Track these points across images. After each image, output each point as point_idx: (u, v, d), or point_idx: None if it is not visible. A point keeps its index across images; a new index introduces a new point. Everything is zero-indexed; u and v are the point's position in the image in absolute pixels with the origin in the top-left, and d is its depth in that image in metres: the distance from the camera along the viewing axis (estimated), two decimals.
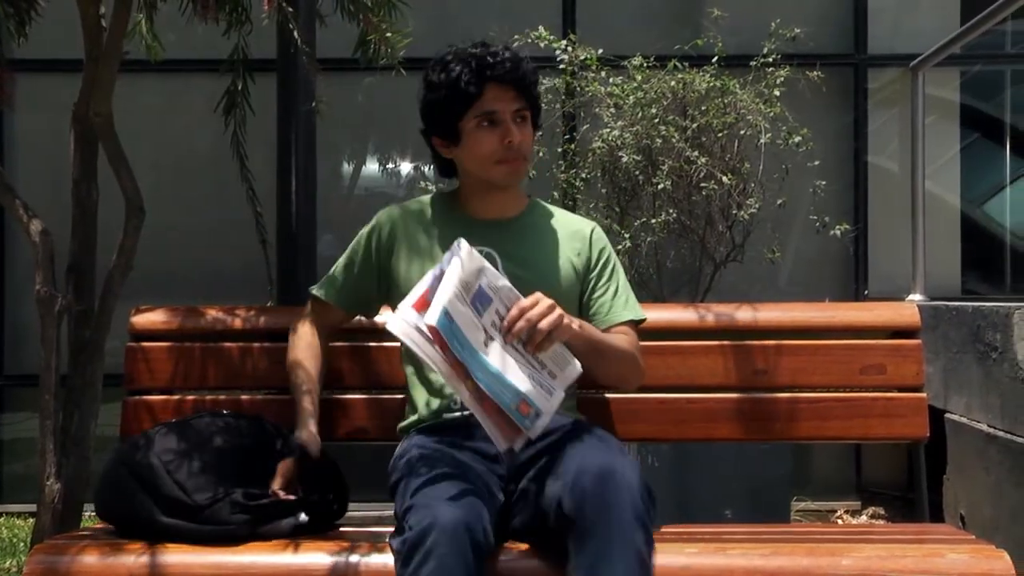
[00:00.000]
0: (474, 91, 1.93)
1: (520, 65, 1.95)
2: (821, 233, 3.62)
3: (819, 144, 3.66)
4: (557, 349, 1.76)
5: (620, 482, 1.61)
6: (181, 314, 2.37)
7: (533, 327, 1.70)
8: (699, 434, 2.27)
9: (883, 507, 4.12)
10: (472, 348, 1.65)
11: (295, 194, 3.25)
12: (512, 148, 1.96)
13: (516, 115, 1.97)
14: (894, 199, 4.30)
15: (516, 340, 1.70)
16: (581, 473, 1.63)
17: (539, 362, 1.74)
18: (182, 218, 4.27)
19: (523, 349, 1.72)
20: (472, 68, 1.93)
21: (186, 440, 1.91)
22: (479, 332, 1.67)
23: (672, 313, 2.38)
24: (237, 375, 2.32)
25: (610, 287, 2.06)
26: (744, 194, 3.42)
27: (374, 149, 4.54)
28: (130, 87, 2.83)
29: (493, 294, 1.72)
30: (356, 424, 2.28)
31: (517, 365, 1.69)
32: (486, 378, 1.64)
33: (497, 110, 1.95)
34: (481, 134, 1.97)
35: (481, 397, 1.65)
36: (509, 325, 1.70)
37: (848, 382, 2.28)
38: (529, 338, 1.71)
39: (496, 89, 1.94)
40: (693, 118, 3.42)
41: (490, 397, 1.65)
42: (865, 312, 2.36)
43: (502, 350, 1.69)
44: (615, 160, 3.43)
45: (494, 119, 1.95)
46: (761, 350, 2.29)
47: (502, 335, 1.70)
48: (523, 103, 1.98)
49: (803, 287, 4.32)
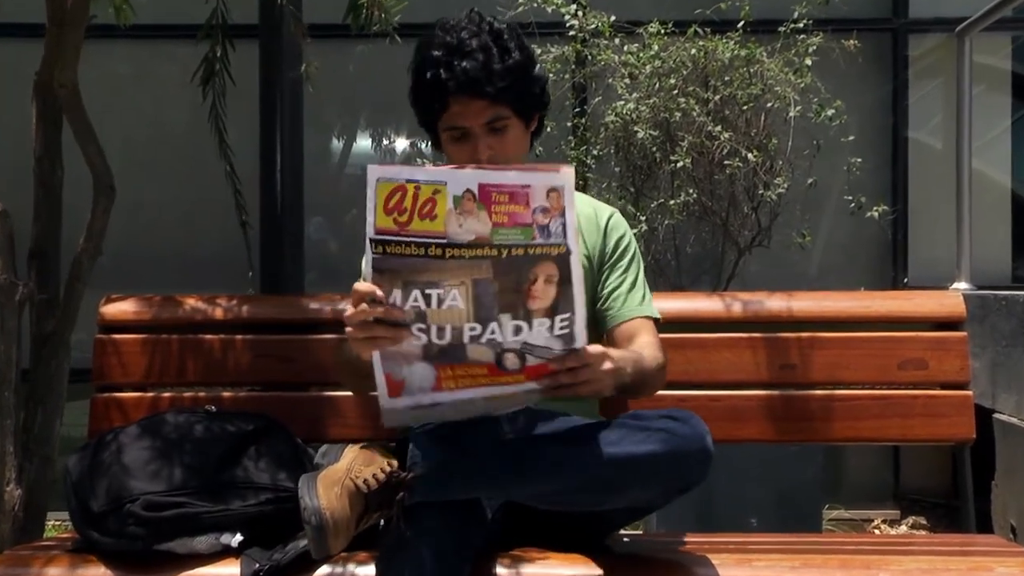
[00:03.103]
0: (437, 107, 1.89)
1: (490, 66, 1.85)
2: (856, 215, 3.60)
3: (854, 118, 3.65)
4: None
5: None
6: (155, 303, 2.37)
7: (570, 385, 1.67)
8: (722, 435, 2.26)
9: (924, 516, 4.12)
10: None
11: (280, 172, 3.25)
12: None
13: (489, 126, 1.90)
14: (937, 178, 4.28)
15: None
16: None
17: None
18: (156, 198, 4.26)
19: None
20: (431, 79, 1.87)
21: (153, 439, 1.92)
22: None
23: (692, 303, 2.37)
24: (218, 370, 2.32)
25: (626, 279, 2.05)
26: (771, 173, 3.41)
27: (366, 123, 4.53)
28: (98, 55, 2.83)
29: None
30: (346, 423, 2.29)
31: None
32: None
33: (465, 126, 1.90)
34: (452, 148, 1.94)
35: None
36: (551, 375, 1.65)
37: (886, 378, 2.28)
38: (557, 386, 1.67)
39: (459, 104, 1.88)
40: (716, 89, 3.40)
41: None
42: (904, 302, 2.36)
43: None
44: (630, 136, 3.41)
45: (463, 133, 1.91)
46: (790, 343, 2.29)
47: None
48: (497, 111, 1.89)
49: (836, 275, 4.32)
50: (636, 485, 1.73)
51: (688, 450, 1.71)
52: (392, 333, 1.59)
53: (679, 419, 1.74)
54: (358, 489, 1.70)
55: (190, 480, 1.86)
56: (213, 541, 1.80)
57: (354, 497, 1.70)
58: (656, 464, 1.70)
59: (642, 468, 1.69)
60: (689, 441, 1.71)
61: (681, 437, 1.71)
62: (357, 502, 1.70)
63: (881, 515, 4.18)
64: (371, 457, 1.78)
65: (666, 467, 1.71)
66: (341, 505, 1.68)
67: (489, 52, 1.86)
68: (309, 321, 2.39)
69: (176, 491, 1.84)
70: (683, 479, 1.75)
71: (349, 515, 1.68)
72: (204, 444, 1.94)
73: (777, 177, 3.38)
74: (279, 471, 1.93)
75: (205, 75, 2.97)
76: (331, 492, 1.69)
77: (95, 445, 1.96)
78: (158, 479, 1.85)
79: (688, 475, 1.74)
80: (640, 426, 1.73)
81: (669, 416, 1.75)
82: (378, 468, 1.72)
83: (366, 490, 1.69)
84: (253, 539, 1.82)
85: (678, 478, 1.74)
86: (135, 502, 1.79)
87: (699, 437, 1.72)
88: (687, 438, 1.71)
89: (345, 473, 1.73)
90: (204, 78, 2.97)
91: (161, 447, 1.92)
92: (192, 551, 1.78)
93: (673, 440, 1.70)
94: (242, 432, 1.99)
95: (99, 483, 1.85)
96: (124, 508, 1.79)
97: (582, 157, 3.55)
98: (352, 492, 1.70)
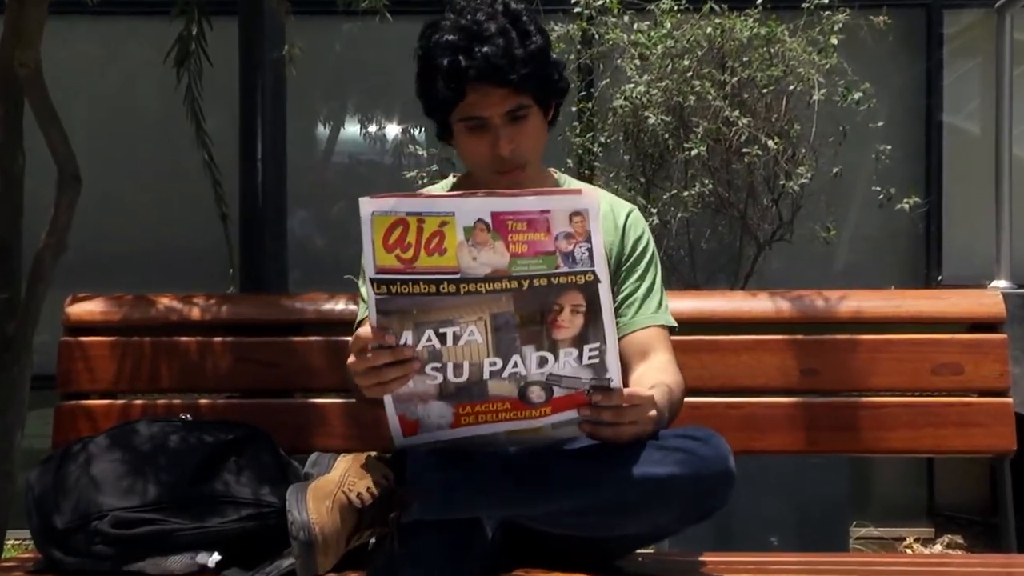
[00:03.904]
0: (452, 96, 1.89)
1: (511, 52, 1.85)
2: (885, 207, 3.60)
3: (883, 102, 3.65)
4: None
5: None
6: (126, 303, 2.37)
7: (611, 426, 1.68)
8: (739, 446, 2.25)
9: (961, 535, 4.12)
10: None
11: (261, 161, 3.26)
12: (503, 160, 1.92)
13: (510, 116, 1.91)
14: (974, 166, 4.29)
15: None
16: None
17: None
18: (126, 189, 4.26)
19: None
20: (448, 66, 1.87)
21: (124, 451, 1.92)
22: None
23: (707, 302, 2.38)
24: (194, 375, 2.32)
25: (643, 283, 2.05)
26: (793, 161, 3.41)
27: (355, 108, 4.53)
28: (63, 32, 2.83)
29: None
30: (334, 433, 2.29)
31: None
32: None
33: (483, 116, 1.90)
34: (469, 140, 1.94)
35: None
36: (590, 409, 1.66)
37: (918, 384, 2.28)
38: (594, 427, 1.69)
39: (478, 93, 1.87)
40: (733, 71, 3.41)
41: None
42: (938, 301, 2.36)
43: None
44: (640, 121, 3.42)
45: (481, 124, 1.91)
46: (813, 347, 2.29)
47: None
48: (519, 100, 1.90)
49: (864, 272, 4.32)
50: (652, 508, 1.72)
51: (709, 472, 1.71)
52: (403, 372, 1.59)
53: (700, 439, 1.74)
54: (351, 503, 1.69)
55: (164, 495, 1.85)
56: (188, 561, 1.79)
57: (346, 512, 1.69)
58: (674, 487, 1.69)
59: (659, 490, 1.69)
60: (710, 463, 1.71)
61: (702, 458, 1.71)
62: (349, 517, 1.69)
63: (914, 533, 4.18)
64: (366, 469, 1.78)
65: (685, 490, 1.71)
66: (332, 520, 1.67)
67: (509, 36, 1.86)
68: (293, 322, 2.38)
69: (148, 507, 1.83)
70: (703, 504, 1.75)
71: (340, 531, 1.67)
72: (179, 456, 1.94)
73: (800, 166, 3.39)
74: (261, 485, 1.92)
75: (180, 55, 2.97)
76: (322, 505, 1.68)
77: (60, 457, 1.96)
78: (129, 494, 1.85)
79: (709, 500, 1.74)
80: (657, 445, 1.72)
81: (689, 435, 1.75)
82: (373, 481, 1.72)
83: (360, 505, 1.69)
84: (232, 559, 1.81)
85: (698, 503, 1.74)
86: (103, 519, 1.79)
87: (721, 458, 1.72)
88: (708, 459, 1.71)
89: (337, 485, 1.72)
90: (179, 58, 2.97)
91: (132, 459, 1.91)
92: (165, 572, 1.78)
93: (693, 461, 1.70)
94: (221, 443, 1.99)
95: (64, 498, 1.85)
96: (91, 525, 1.79)
97: (588, 145, 3.55)
98: (344, 506, 1.69)
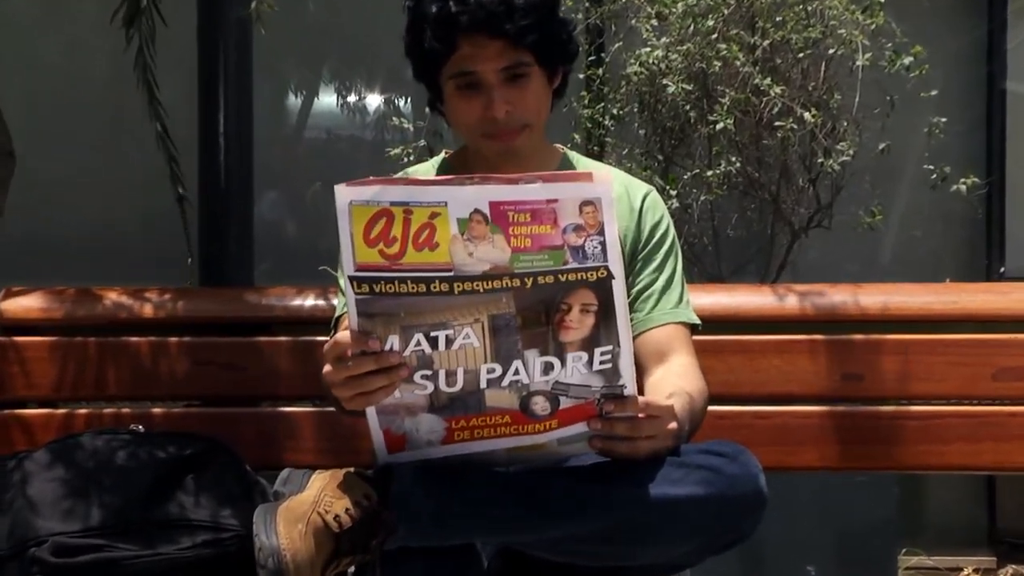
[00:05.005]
0: (442, 48, 1.90)
1: (509, 1, 1.87)
2: (939, 189, 3.60)
3: (937, 68, 3.64)
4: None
5: None
6: (68, 298, 2.37)
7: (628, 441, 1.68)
8: (771, 461, 2.25)
9: None
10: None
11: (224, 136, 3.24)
12: (497, 123, 1.94)
13: (506, 73, 1.93)
14: None
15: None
16: None
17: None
18: (68, 167, 4.25)
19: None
20: (438, 13, 1.88)
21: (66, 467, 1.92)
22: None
23: (735, 297, 2.38)
24: (146, 381, 2.33)
25: (661, 275, 2.06)
26: (833, 136, 3.41)
27: (331, 75, 4.52)
28: None
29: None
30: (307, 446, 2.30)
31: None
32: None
33: (475, 71, 1.92)
34: (458, 101, 1.96)
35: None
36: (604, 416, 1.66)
37: (976, 391, 2.29)
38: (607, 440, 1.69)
39: (471, 44, 1.90)
40: (764, 33, 3.40)
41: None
42: (1000, 296, 2.37)
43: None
44: (657, 90, 3.42)
45: (473, 81, 1.93)
46: (856, 348, 2.30)
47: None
48: (517, 55, 1.92)
49: (914, 263, 4.31)
50: (671, 535, 1.72)
51: (736, 494, 1.71)
52: (389, 381, 1.59)
53: (726, 455, 1.74)
54: (327, 527, 1.69)
55: (110, 518, 1.86)
56: None
57: (322, 536, 1.68)
58: (697, 510, 1.69)
59: (679, 514, 1.69)
60: (739, 483, 1.71)
61: (728, 477, 1.71)
62: (326, 543, 1.68)
63: (973, 563, 4.17)
64: (344, 487, 1.77)
65: (709, 515, 1.70)
66: (306, 546, 1.67)
67: None
68: (260, 320, 2.40)
69: (93, 531, 1.84)
70: (730, 530, 1.75)
71: (315, 558, 1.67)
72: (129, 474, 1.95)
73: (840, 142, 3.38)
74: (222, 507, 1.93)
75: (129, 14, 2.96)
76: (294, 529, 1.67)
77: None
78: (71, 517, 1.85)
79: (737, 525, 1.74)
80: (677, 462, 1.72)
81: (713, 451, 1.75)
82: (352, 501, 1.72)
83: (337, 528, 1.69)
84: None
85: (723, 529, 1.74)
86: (42, 545, 1.80)
87: (751, 478, 1.72)
88: (735, 479, 1.71)
89: (312, 506, 1.72)
90: (127, 18, 2.97)
91: (75, 477, 1.92)
92: None
93: (718, 481, 1.70)
94: (176, 458, 2.00)
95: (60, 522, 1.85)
96: (28, 552, 1.80)
97: (598, 117, 3.54)
98: (320, 530, 1.69)
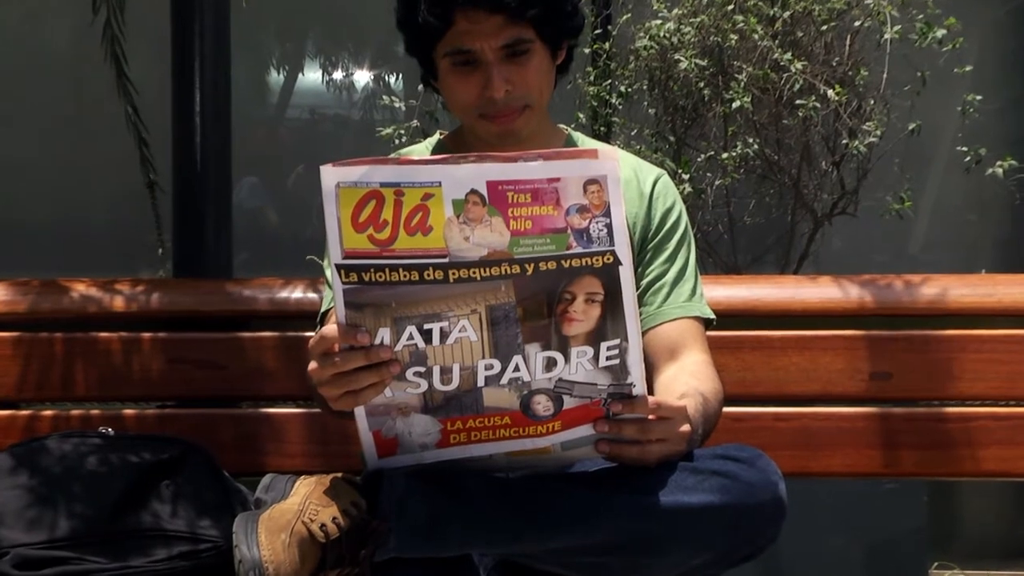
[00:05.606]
0: (437, 23, 1.91)
1: None
2: (973, 172, 3.59)
3: (972, 42, 3.64)
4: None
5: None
6: (32, 290, 2.37)
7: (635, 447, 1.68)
8: (793, 467, 2.27)
9: None
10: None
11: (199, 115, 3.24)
12: (495, 103, 1.94)
13: (507, 51, 1.93)
14: None
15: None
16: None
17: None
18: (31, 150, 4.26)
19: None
20: None
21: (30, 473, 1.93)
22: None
23: (752, 289, 2.38)
24: (117, 380, 2.33)
25: (673, 265, 2.07)
26: (859, 116, 3.41)
27: (316, 49, 4.53)
28: None
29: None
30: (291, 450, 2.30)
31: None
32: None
33: (473, 48, 1.92)
34: (454, 79, 1.97)
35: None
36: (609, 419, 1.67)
37: (1014, 392, 2.29)
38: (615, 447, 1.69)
39: (468, 19, 1.90)
40: (784, 3, 3.40)
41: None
42: None
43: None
44: (669, 66, 3.42)
45: (470, 59, 1.94)
46: (884, 344, 2.30)
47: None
48: (518, 32, 1.92)
49: (947, 252, 4.32)
50: (684, 546, 1.72)
51: (754, 502, 1.71)
52: (379, 378, 1.58)
53: (742, 460, 1.74)
54: (312, 537, 1.69)
55: (79, 528, 1.86)
56: None
57: (307, 547, 1.68)
58: (712, 519, 1.69)
59: (693, 524, 1.69)
60: (756, 490, 1.71)
61: (745, 484, 1.71)
62: (311, 554, 1.68)
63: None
64: (331, 494, 1.77)
65: (725, 524, 1.70)
66: (289, 557, 1.67)
67: None
68: (240, 313, 2.40)
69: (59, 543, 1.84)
70: (748, 541, 1.75)
71: (300, 570, 1.67)
72: (98, 480, 1.95)
73: (867, 122, 3.38)
74: (200, 515, 1.93)
75: None
76: (277, 539, 1.67)
77: None
78: (35, 527, 1.86)
79: (754, 536, 1.74)
80: (690, 468, 1.72)
81: (730, 456, 1.75)
82: (340, 510, 1.72)
83: (323, 538, 1.68)
84: None
85: (740, 539, 1.74)
86: (3, 557, 1.80)
87: (770, 485, 1.72)
88: (754, 486, 1.71)
89: (296, 515, 1.72)
90: None
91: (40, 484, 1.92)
92: None
93: (736, 488, 1.70)
94: (150, 463, 2.00)
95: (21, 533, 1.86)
96: None
97: (604, 95, 3.55)
98: (305, 540, 1.68)
